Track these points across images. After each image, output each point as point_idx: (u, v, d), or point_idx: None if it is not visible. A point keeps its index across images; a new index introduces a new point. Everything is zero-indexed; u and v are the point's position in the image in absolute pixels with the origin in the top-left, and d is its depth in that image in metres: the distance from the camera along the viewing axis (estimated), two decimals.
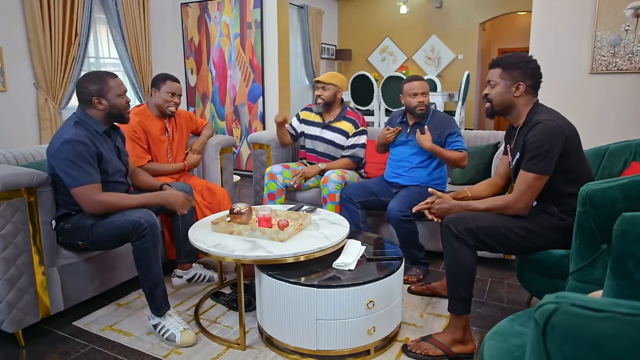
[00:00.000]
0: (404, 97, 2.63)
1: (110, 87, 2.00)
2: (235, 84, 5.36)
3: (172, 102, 2.64)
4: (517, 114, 1.86)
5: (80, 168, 1.90)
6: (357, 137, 2.95)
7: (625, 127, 3.48)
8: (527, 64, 1.81)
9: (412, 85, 2.59)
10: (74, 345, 1.97)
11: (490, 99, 1.87)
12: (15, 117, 3.95)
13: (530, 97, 1.84)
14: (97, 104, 1.99)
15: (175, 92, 2.65)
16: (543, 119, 1.73)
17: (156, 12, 5.29)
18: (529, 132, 1.75)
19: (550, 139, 1.69)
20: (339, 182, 2.73)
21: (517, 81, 1.80)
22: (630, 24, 3.38)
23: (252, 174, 3.46)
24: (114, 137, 2.15)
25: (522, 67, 1.80)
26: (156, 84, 2.63)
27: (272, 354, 1.88)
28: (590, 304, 0.59)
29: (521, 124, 1.85)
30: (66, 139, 1.89)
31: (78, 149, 1.89)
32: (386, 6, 8.63)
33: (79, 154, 1.89)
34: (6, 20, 3.80)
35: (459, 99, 6.36)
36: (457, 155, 2.53)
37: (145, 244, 1.91)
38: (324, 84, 2.92)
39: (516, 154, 1.86)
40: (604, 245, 1.51)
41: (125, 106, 2.06)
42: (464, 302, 1.82)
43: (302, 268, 1.88)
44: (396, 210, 2.43)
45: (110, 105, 2.01)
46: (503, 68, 1.82)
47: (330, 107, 2.99)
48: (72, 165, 1.88)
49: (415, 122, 2.66)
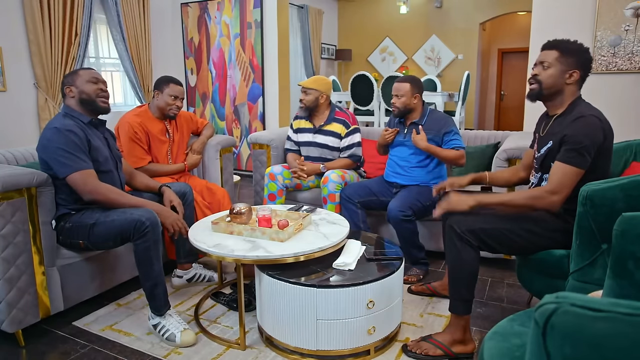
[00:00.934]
0: None
1: (79, 75, 2.06)
2: (235, 84, 5.36)
3: (174, 106, 2.65)
4: (561, 102, 1.80)
5: (73, 155, 1.92)
6: (351, 136, 2.94)
7: (625, 127, 3.48)
8: (584, 53, 1.75)
9: (393, 86, 2.65)
10: (74, 345, 1.97)
11: (540, 80, 1.79)
12: (15, 117, 3.95)
13: (577, 88, 1.79)
14: (68, 93, 2.05)
15: (178, 95, 2.66)
16: (587, 113, 1.68)
17: (156, 12, 5.29)
18: (571, 125, 1.68)
19: (592, 136, 1.64)
20: (339, 182, 2.73)
21: (573, 68, 1.75)
22: (630, 24, 3.38)
23: (252, 174, 3.46)
24: (101, 130, 2.17)
25: (580, 55, 1.75)
26: (159, 87, 2.64)
27: (272, 354, 1.88)
28: (590, 304, 0.59)
29: (559, 113, 1.80)
30: (55, 128, 1.93)
31: (69, 137, 1.93)
32: (386, 6, 8.63)
33: (70, 142, 1.92)
34: (6, 20, 3.81)
35: (459, 99, 6.36)
36: (453, 154, 2.53)
37: (147, 243, 1.91)
38: (306, 88, 2.92)
39: (548, 142, 1.79)
40: (604, 245, 1.51)
41: (95, 92, 2.06)
42: (465, 302, 1.82)
43: (302, 268, 1.88)
44: (396, 210, 2.43)
45: (79, 92, 2.04)
46: (562, 52, 1.76)
47: (316, 111, 2.97)
48: (65, 153, 1.91)
49: (412, 122, 2.66)
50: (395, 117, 2.70)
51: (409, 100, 2.60)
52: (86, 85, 2.05)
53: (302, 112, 3.02)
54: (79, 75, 2.06)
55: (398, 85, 2.62)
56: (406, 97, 2.60)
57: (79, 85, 2.04)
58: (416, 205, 2.48)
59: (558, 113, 1.81)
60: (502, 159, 2.62)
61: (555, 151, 1.74)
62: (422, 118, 2.64)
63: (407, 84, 2.59)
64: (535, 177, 1.89)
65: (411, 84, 2.60)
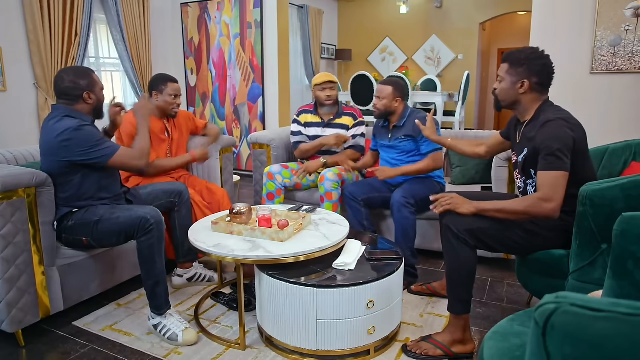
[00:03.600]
0: None
1: (96, 82, 2.05)
2: (235, 84, 5.36)
3: (175, 104, 2.66)
4: (524, 110, 1.84)
5: (101, 142, 1.97)
6: (356, 127, 3.03)
7: (625, 127, 3.48)
8: (534, 60, 1.77)
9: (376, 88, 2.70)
10: (74, 345, 1.97)
11: (496, 93, 1.88)
12: (15, 117, 3.94)
13: (537, 95, 1.81)
14: (87, 98, 2.02)
15: (177, 93, 2.66)
16: (552, 117, 1.70)
17: (156, 12, 5.29)
18: (539, 132, 1.71)
19: (561, 138, 1.65)
20: (335, 181, 2.74)
21: (522, 78, 1.78)
22: (630, 24, 3.38)
23: (252, 174, 3.46)
24: None
25: (528, 64, 1.77)
26: (157, 87, 2.63)
27: (272, 354, 1.88)
28: (590, 304, 0.59)
29: (528, 119, 1.83)
30: (71, 127, 1.91)
31: (88, 131, 1.95)
32: (386, 6, 8.62)
33: (91, 134, 1.95)
34: (6, 20, 3.80)
35: (459, 99, 6.36)
36: (424, 165, 2.56)
37: (151, 240, 1.91)
38: (333, 83, 2.98)
39: (524, 150, 1.82)
40: (604, 245, 1.51)
41: (104, 98, 2.11)
42: (464, 302, 1.82)
43: (302, 268, 1.88)
44: (400, 196, 2.46)
45: (97, 99, 2.05)
46: (511, 64, 1.80)
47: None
48: (93, 144, 1.94)
49: (394, 125, 2.70)
50: (376, 118, 2.75)
51: (390, 103, 2.64)
52: (101, 93, 2.08)
53: (331, 108, 3.01)
54: (95, 81, 2.05)
55: (381, 87, 2.66)
56: (387, 100, 2.63)
57: (97, 93, 2.05)
58: (419, 195, 2.49)
59: (527, 119, 1.84)
60: (503, 158, 2.63)
61: (532, 157, 1.76)
62: (402, 120, 2.67)
63: (390, 87, 2.63)
64: (520, 180, 1.92)
65: (394, 87, 2.63)
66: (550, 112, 1.75)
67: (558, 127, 1.67)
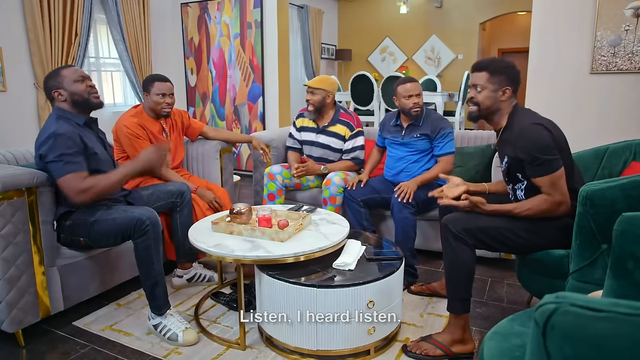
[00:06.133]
0: (398, 99, 2.65)
1: (64, 77, 1.99)
2: (235, 84, 5.36)
3: (164, 103, 2.61)
4: (500, 117, 1.88)
5: (65, 157, 1.88)
6: (355, 139, 2.94)
7: (625, 127, 3.48)
8: (512, 69, 1.84)
9: (406, 87, 2.62)
10: (74, 345, 1.97)
11: (478, 102, 1.86)
12: (15, 117, 3.94)
13: (511, 102, 1.87)
14: (58, 97, 2.00)
15: (166, 92, 2.60)
16: (526, 123, 1.75)
17: (156, 12, 5.29)
18: (518, 143, 1.75)
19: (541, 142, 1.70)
20: (341, 186, 2.74)
21: (505, 85, 1.82)
22: (630, 24, 3.38)
23: (252, 174, 3.46)
24: (95, 129, 2.15)
25: (508, 72, 1.83)
26: (146, 88, 2.61)
27: (272, 354, 1.88)
28: (590, 304, 0.59)
29: (503, 128, 1.87)
30: (50, 133, 1.89)
31: (62, 141, 1.88)
32: (386, 6, 8.62)
33: (64, 145, 1.88)
34: (6, 20, 3.80)
35: (459, 99, 6.35)
36: (439, 169, 2.56)
37: (147, 241, 1.91)
38: (312, 88, 2.89)
39: (504, 157, 1.87)
40: (604, 245, 1.51)
41: (86, 89, 2.02)
42: (463, 301, 1.82)
43: (302, 268, 1.88)
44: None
45: (70, 94, 1.99)
46: (491, 72, 1.83)
47: (322, 111, 2.96)
48: (59, 157, 1.87)
49: (409, 124, 2.68)
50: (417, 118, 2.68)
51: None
52: (74, 85, 1.99)
53: (310, 114, 2.99)
54: (63, 76, 1.99)
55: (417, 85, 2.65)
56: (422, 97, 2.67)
57: (67, 87, 1.99)
58: (419, 197, 2.49)
59: (502, 126, 1.88)
60: None
61: (515, 163, 1.81)
62: (419, 119, 2.66)
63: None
64: (509, 186, 1.95)
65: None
66: (523, 117, 1.80)
67: (535, 133, 1.71)
